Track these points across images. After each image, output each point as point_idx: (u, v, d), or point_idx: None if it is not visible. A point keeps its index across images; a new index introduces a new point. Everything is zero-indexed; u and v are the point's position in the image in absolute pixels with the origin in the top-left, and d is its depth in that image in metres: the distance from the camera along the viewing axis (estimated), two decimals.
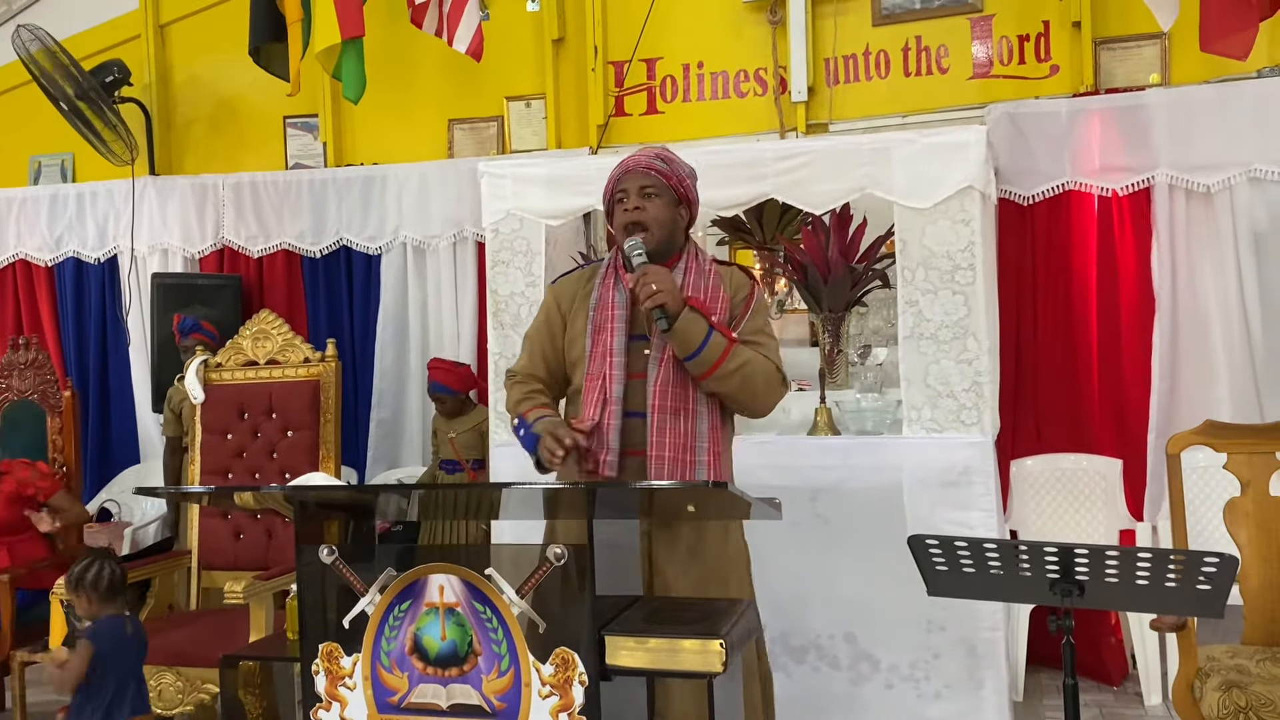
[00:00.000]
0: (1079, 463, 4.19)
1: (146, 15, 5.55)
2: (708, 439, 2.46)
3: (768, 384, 2.49)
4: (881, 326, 4.23)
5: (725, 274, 2.59)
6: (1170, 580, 1.80)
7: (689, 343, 2.40)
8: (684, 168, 2.58)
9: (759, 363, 2.46)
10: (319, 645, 2.12)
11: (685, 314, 2.40)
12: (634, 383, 2.48)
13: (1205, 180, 4.03)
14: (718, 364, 2.41)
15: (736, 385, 2.44)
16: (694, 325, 2.40)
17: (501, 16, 5.04)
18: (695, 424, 2.45)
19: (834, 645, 3.65)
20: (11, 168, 5.78)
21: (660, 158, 2.55)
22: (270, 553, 3.84)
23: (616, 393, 2.45)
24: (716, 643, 1.89)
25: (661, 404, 2.43)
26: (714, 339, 2.41)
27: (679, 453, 2.42)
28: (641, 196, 2.50)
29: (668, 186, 2.52)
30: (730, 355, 2.42)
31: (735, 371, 2.42)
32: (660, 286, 2.38)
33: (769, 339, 2.57)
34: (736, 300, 2.54)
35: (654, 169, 2.51)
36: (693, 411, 2.45)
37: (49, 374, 4.36)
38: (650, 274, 2.41)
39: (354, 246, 5.11)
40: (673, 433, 2.42)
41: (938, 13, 4.60)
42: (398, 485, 4.29)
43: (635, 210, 2.50)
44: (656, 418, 2.42)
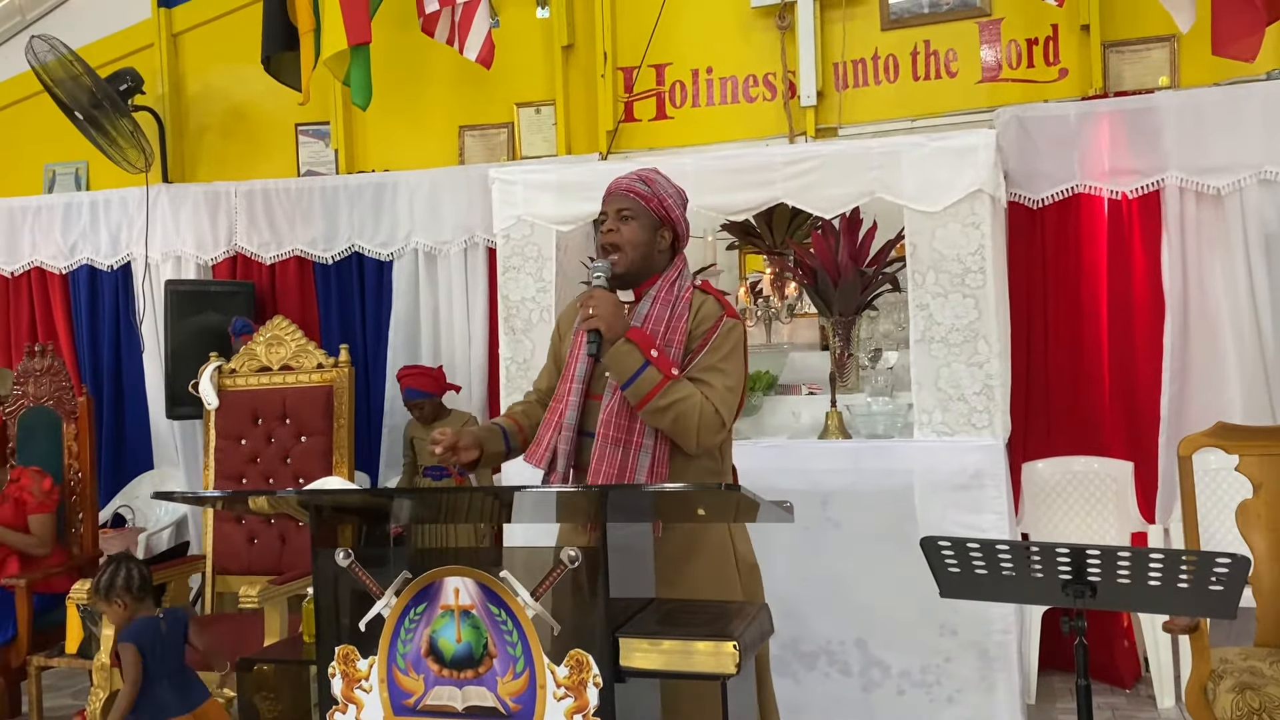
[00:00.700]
0: (1090, 465, 4.19)
1: (159, 24, 5.59)
2: (647, 473, 2.42)
3: (703, 426, 2.41)
4: (892, 330, 4.24)
5: (697, 303, 2.53)
6: (1182, 581, 1.80)
7: (620, 371, 2.38)
8: (667, 189, 2.55)
9: (695, 403, 2.39)
10: (335, 648, 2.14)
11: (619, 344, 2.38)
12: (592, 403, 2.49)
13: (1215, 183, 4.03)
14: (647, 399, 2.37)
15: (669, 421, 2.39)
16: (626, 357, 2.37)
17: (511, 23, 5.07)
18: (636, 456, 2.42)
19: (845, 651, 3.65)
20: (26, 176, 5.82)
21: (642, 179, 2.54)
22: (284, 557, 3.87)
23: (570, 419, 2.47)
24: (730, 644, 1.90)
25: (605, 432, 2.42)
26: (646, 373, 2.36)
27: (612, 480, 2.40)
28: (618, 219, 2.50)
29: (646, 209, 2.51)
30: (662, 392, 2.36)
31: (666, 409, 2.37)
32: (596, 311, 2.38)
33: (720, 378, 2.46)
34: (697, 333, 2.49)
35: (633, 191, 2.51)
36: (636, 443, 2.42)
37: (64, 380, 4.39)
38: (594, 298, 2.41)
39: (366, 253, 5.14)
40: (609, 462, 2.41)
41: (946, 17, 4.61)
42: (414, 489, 4.30)
43: (609, 233, 2.51)
44: (599, 445, 2.43)
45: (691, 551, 2.47)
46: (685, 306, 2.50)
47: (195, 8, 5.61)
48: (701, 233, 4.91)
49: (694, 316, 2.50)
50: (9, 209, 5.59)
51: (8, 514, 3.85)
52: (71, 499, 4.22)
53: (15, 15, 5.83)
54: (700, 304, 2.53)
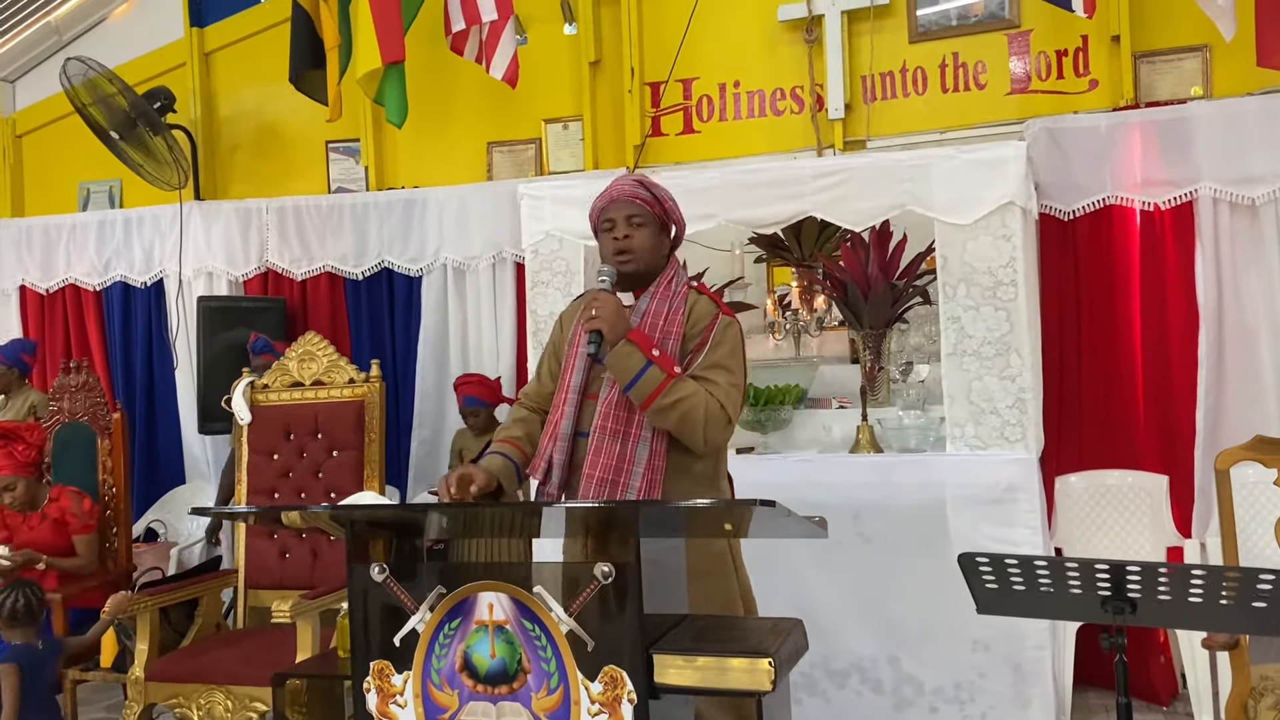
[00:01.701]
0: (1124, 479, 4.14)
1: (192, 44, 5.67)
2: (644, 465, 2.44)
3: (710, 422, 2.43)
4: (923, 343, 4.22)
5: (692, 301, 2.57)
6: (1225, 598, 1.78)
7: (623, 372, 2.41)
8: (665, 193, 2.61)
9: (700, 400, 2.42)
10: (370, 663, 2.14)
11: (620, 345, 2.40)
12: (588, 403, 2.52)
13: (1250, 193, 3.98)
14: (651, 398, 2.40)
15: (675, 420, 2.41)
16: (628, 358, 2.40)
17: (539, 40, 5.10)
18: (635, 448, 2.45)
19: (877, 668, 3.63)
20: (61, 195, 5.92)
21: (644, 185, 2.59)
22: (316, 572, 3.88)
23: (565, 428, 2.50)
24: (765, 661, 1.89)
25: (604, 425, 2.45)
26: (649, 373, 2.39)
27: (609, 473, 2.43)
28: (629, 225, 2.54)
29: (653, 215, 2.56)
30: (666, 390, 2.39)
31: (671, 407, 2.40)
32: (599, 313, 2.41)
33: (723, 375, 2.49)
34: (694, 332, 2.52)
35: (639, 198, 2.55)
36: (635, 435, 2.45)
37: (99, 396, 4.44)
38: (598, 300, 2.44)
39: (395, 268, 5.17)
40: (607, 454, 2.44)
41: (974, 29, 4.60)
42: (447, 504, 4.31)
43: (624, 239, 2.53)
44: (596, 437, 2.45)
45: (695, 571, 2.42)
46: (681, 303, 2.55)
47: (227, 27, 5.69)
48: (729, 246, 4.92)
49: (689, 314, 2.54)
50: (44, 227, 5.68)
51: (47, 533, 3.89)
52: (106, 514, 4.25)
53: (51, 36, 5.93)
54: (695, 302, 2.57)
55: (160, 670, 3.50)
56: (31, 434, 4.02)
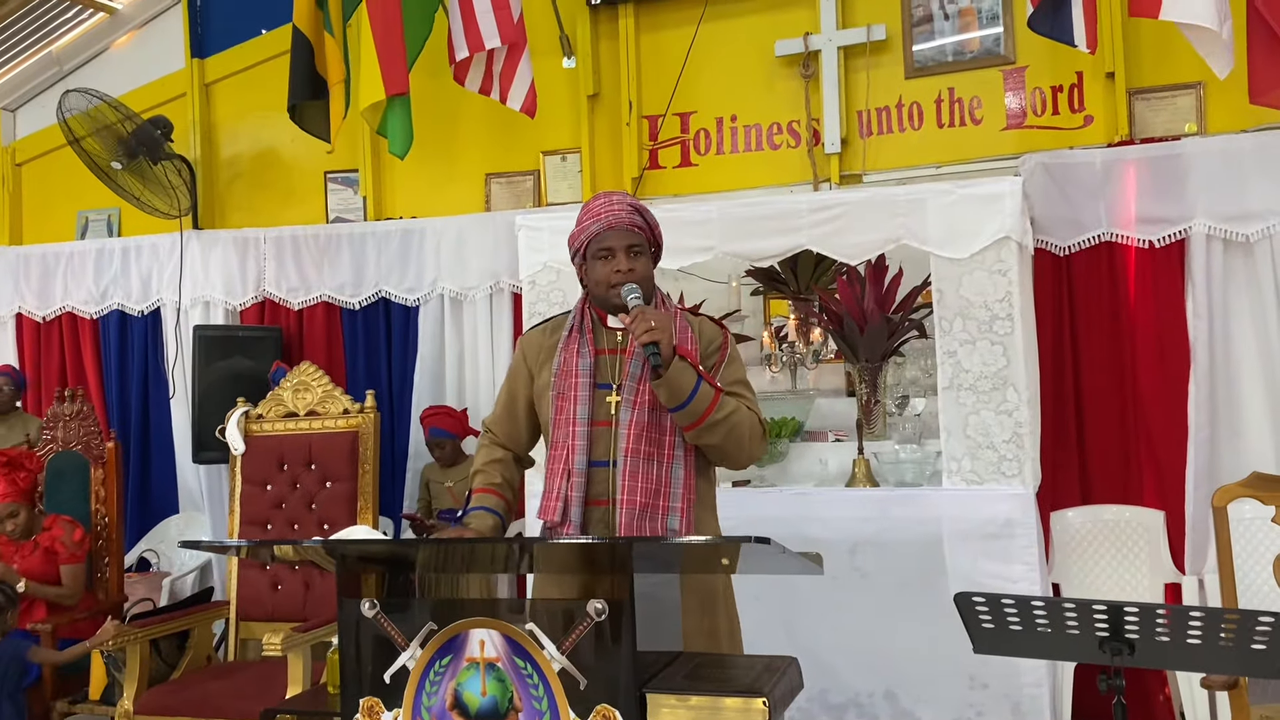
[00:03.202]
0: (1121, 514, 4.13)
1: (192, 75, 5.70)
2: (682, 485, 2.41)
3: (753, 436, 2.45)
4: (919, 377, 4.21)
5: (694, 323, 2.56)
6: (1224, 640, 1.76)
7: (679, 391, 2.35)
8: (653, 216, 2.57)
9: (745, 414, 2.43)
10: (359, 700, 2.11)
11: (676, 362, 2.35)
12: (597, 430, 2.45)
13: (1244, 230, 4.00)
14: (706, 413, 2.36)
15: (723, 435, 2.39)
16: (684, 373, 2.35)
17: (538, 73, 5.10)
18: (670, 470, 2.40)
19: (874, 704, 3.59)
20: (60, 223, 5.92)
21: (638, 211, 2.53)
22: (308, 604, 3.86)
23: (580, 463, 2.42)
24: (760, 701, 1.87)
25: (635, 448, 2.39)
26: (703, 388, 2.36)
27: (650, 498, 2.37)
28: (631, 256, 2.48)
29: (646, 242, 2.52)
30: (719, 405, 2.38)
31: (723, 421, 2.38)
32: (659, 324, 2.34)
33: (749, 390, 2.53)
34: (711, 349, 2.52)
35: (636, 225, 2.50)
36: (668, 457, 2.40)
37: (93, 425, 4.43)
38: (649, 313, 2.37)
39: (393, 298, 5.17)
40: (644, 478, 2.38)
41: (970, 65, 4.63)
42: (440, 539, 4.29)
43: (629, 272, 2.47)
44: (629, 462, 2.38)
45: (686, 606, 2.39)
46: (685, 323, 2.53)
47: (228, 58, 5.72)
48: (726, 278, 4.92)
49: (699, 334, 2.52)
50: (42, 255, 5.68)
51: (38, 563, 3.86)
52: (98, 544, 4.23)
53: (52, 66, 5.96)
54: (699, 323, 2.57)
55: (149, 703, 3.47)
56: (30, 462, 4.00)
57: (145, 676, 3.54)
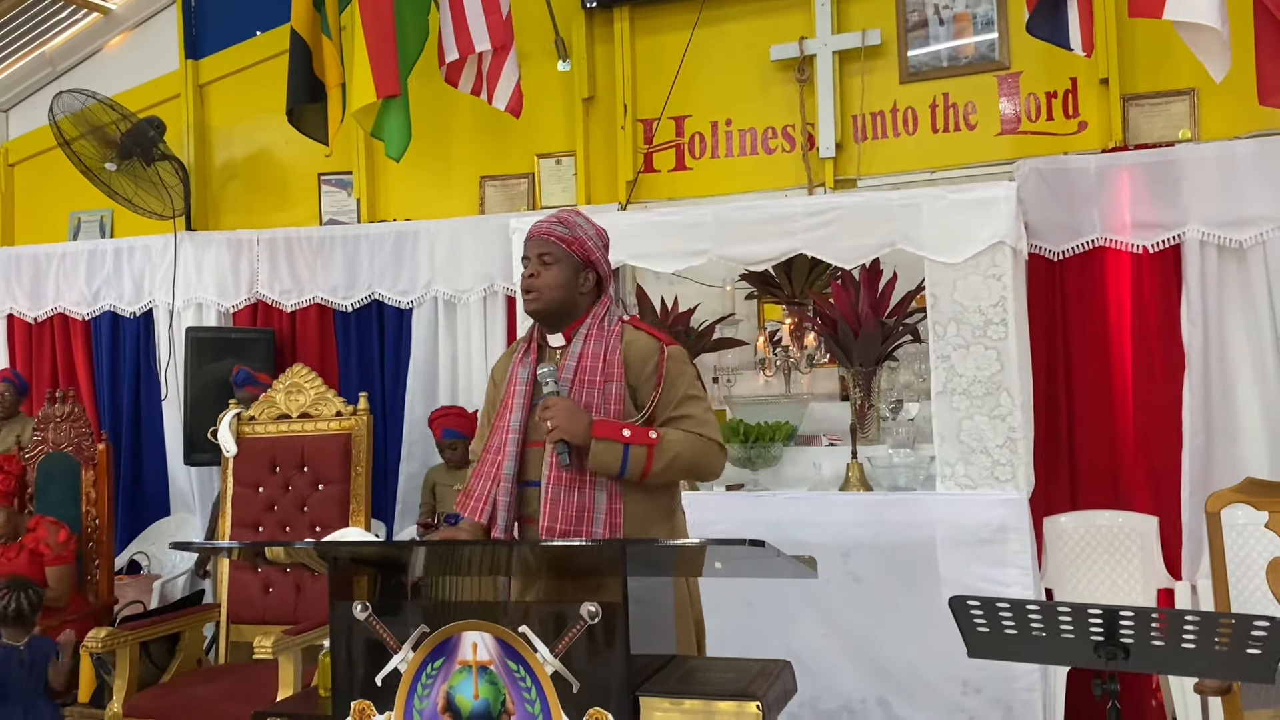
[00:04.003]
0: (1115, 520, 4.13)
1: (187, 76, 5.69)
2: (605, 510, 2.40)
3: (706, 459, 2.45)
4: (913, 381, 4.21)
5: (628, 340, 2.50)
6: (1218, 644, 1.76)
7: (608, 468, 2.36)
8: (588, 231, 2.53)
9: (689, 444, 2.41)
10: (351, 703, 2.10)
11: (594, 446, 2.34)
12: (531, 451, 2.46)
13: (1238, 235, 4.01)
14: (646, 470, 2.37)
15: (677, 473, 2.43)
16: (606, 454, 2.35)
17: (533, 76, 5.12)
18: (592, 495, 2.40)
19: (866, 710, 3.59)
20: (52, 224, 5.90)
21: (562, 222, 2.52)
22: (299, 607, 3.84)
23: (509, 469, 2.44)
24: (753, 705, 1.86)
25: (557, 475, 2.39)
26: (632, 454, 2.35)
27: (571, 524, 2.37)
28: (539, 263, 2.49)
29: (567, 252, 2.49)
30: (656, 456, 2.37)
31: (667, 467, 2.38)
32: (556, 423, 2.35)
33: (697, 404, 2.47)
34: (644, 374, 2.46)
35: (553, 235, 2.49)
36: (590, 483, 2.40)
37: (84, 427, 4.41)
38: (549, 408, 2.38)
39: (386, 300, 5.16)
40: (565, 505, 2.38)
41: (965, 70, 4.63)
42: (430, 541, 4.28)
43: (530, 277, 2.48)
44: (551, 490, 2.39)
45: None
46: (616, 341, 2.49)
47: (222, 60, 5.71)
48: (720, 282, 4.92)
49: (628, 352, 2.47)
50: (34, 256, 5.67)
51: (23, 565, 3.84)
52: (88, 546, 4.21)
53: (46, 67, 5.95)
54: (632, 340, 2.50)
55: (139, 706, 3.45)
56: (9, 464, 3.98)
57: (135, 679, 3.52)
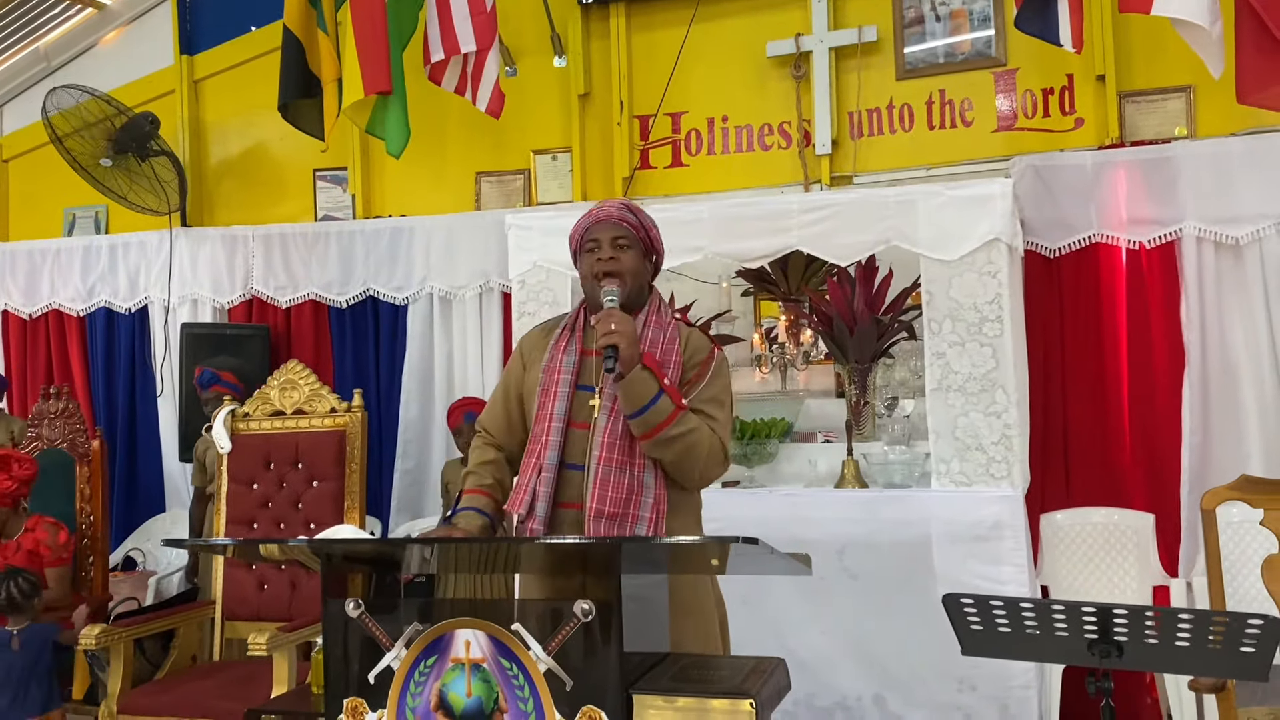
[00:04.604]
0: (1110, 517, 4.12)
1: (181, 71, 5.67)
2: (653, 494, 2.37)
3: (710, 458, 2.39)
4: (908, 378, 4.21)
5: (684, 334, 2.52)
6: (1212, 642, 1.76)
7: (635, 398, 2.33)
8: (649, 219, 2.55)
9: (704, 434, 2.37)
10: (344, 700, 2.10)
11: (637, 370, 2.33)
12: (575, 433, 2.43)
13: (1234, 232, 4.01)
14: (661, 427, 2.32)
15: (678, 453, 2.36)
16: (644, 382, 2.33)
17: (528, 72, 5.12)
18: (641, 477, 2.37)
19: (862, 707, 3.59)
20: (47, 220, 5.89)
21: (630, 208, 2.53)
22: (294, 604, 3.83)
23: (551, 459, 2.40)
24: (746, 703, 1.86)
25: (608, 456, 2.36)
26: (661, 401, 2.32)
27: (619, 507, 2.34)
28: (615, 247, 2.47)
29: (638, 239, 2.50)
30: (676, 421, 2.33)
31: (678, 439, 2.34)
32: (619, 328, 2.33)
33: (721, 411, 2.46)
34: (692, 363, 2.47)
35: (626, 220, 2.49)
36: (639, 465, 2.37)
37: (79, 423, 4.39)
38: (614, 315, 2.36)
39: (381, 297, 5.15)
40: (615, 486, 2.35)
41: (961, 66, 4.63)
42: (426, 538, 4.27)
43: (611, 260, 2.46)
44: (600, 470, 2.35)
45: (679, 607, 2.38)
46: (675, 333, 2.49)
47: (217, 55, 5.69)
48: (716, 279, 4.91)
49: (685, 345, 2.48)
50: (29, 252, 5.65)
51: (20, 564, 3.81)
52: (83, 543, 4.19)
53: (40, 62, 5.93)
54: (688, 335, 2.53)
55: (133, 703, 3.44)
56: (21, 466, 3.93)
57: (129, 676, 3.51)
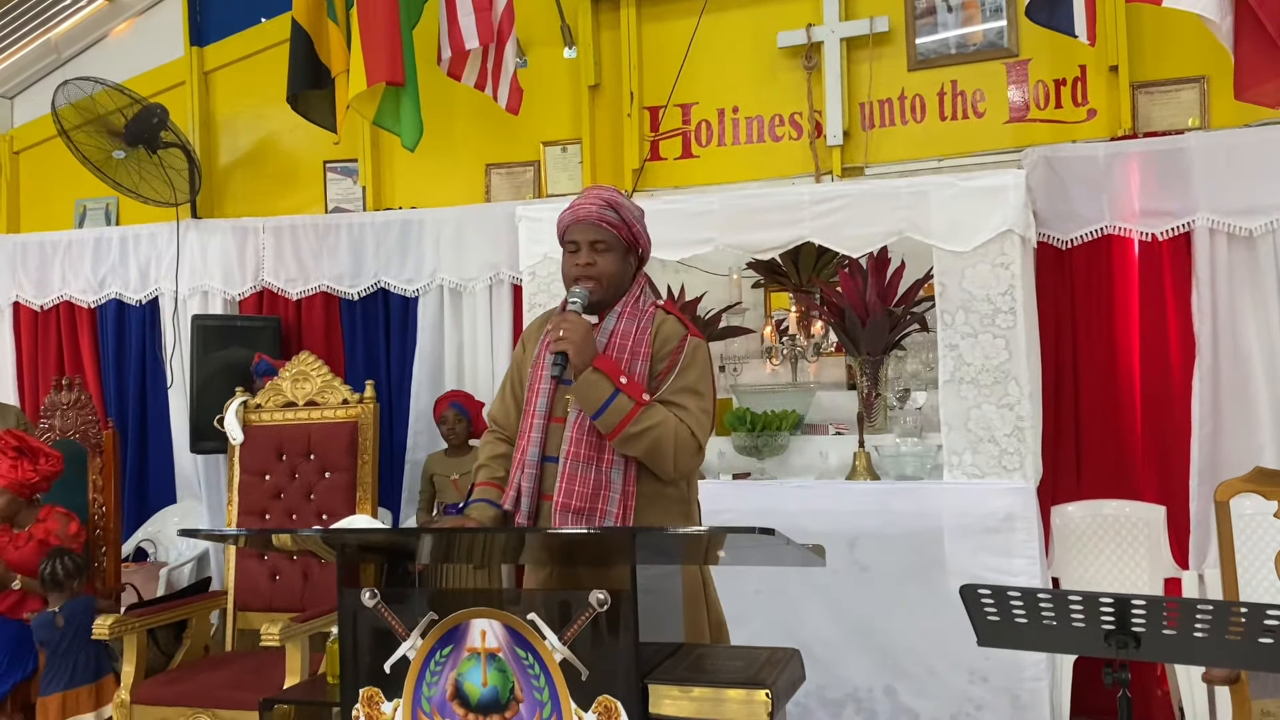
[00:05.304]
0: (1122, 509, 4.12)
1: (191, 63, 5.67)
2: (619, 490, 2.39)
3: (680, 449, 2.39)
4: (920, 370, 4.20)
5: (657, 322, 2.51)
6: (1232, 633, 1.75)
7: (590, 401, 2.36)
8: (632, 213, 2.53)
9: (670, 427, 2.37)
10: (359, 690, 2.11)
11: (587, 374, 2.35)
12: (555, 427, 2.46)
13: (1247, 224, 3.98)
14: (621, 426, 2.35)
15: (645, 448, 2.37)
16: (594, 387, 2.35)
17: (538, 63, 5.11)
18: (609, 473, 2.39)
19: (873, 699, 3.59)
20: (58, 212, 5.90)
21: (611, 205, 2.49)
22: (306, 594, 3.84)
23: (533, 454, 2.44)
24: (762, 693, 1.86)
25: (575, 451, 2.39)
26: (616, 401, 2.34)
27: (584, 501, 2.37)
28: (593, 251, 2.47)
29: (619, 239, 2.49)
30: (635, 419, 2.35)
31: (640, 435, 2.35)
32: (567, 334, 2.36)
33: (694, 400, 2.45)
34: (661, 354, 2.47)
35: (606, 221, 2.47)
36: (608, 461, 2.39)
37: (90, 414, 4.40)
38: (566, 321, 2.38)
39: (391, 289, 5.15)
40: (581, 481, 2.38)
41: (973, 57, 4.61)
42: (440, 529, 4.28)
43: (587, 265, 2.47)
44: (568, 465, 2.39)
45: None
46: (649, 322, 2.49)
47: (227, 46, 5.69)
48: (727, 270, 4.90)
49: (656, 334, 2.48)
50: (40, 244, 5.65)
51: (32, 553, 3.83)
52: (95, 533, 4.21)
53: (50, 54, 5.93)
54: (662, 322, 2.52)
55: (147, 693, 3.46)
56: (49, 462, 3.93)
57: (143, 666, 3.53)
